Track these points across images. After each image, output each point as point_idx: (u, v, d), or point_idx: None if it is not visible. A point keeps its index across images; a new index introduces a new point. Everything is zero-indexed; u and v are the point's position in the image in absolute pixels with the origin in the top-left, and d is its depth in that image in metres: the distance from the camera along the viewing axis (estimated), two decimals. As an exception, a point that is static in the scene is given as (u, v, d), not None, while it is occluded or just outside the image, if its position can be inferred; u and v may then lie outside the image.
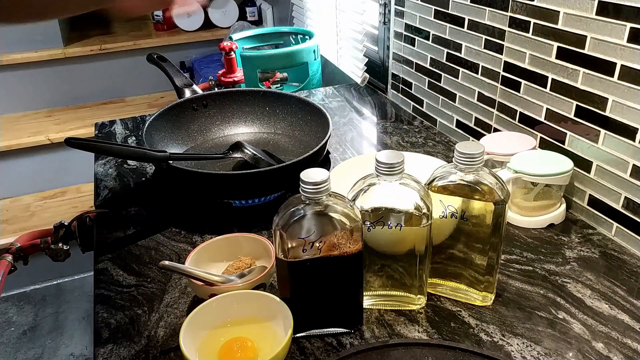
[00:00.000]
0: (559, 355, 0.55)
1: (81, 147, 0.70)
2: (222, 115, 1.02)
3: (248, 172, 0.79)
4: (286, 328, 0.54)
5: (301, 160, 0.80)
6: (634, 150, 0.68)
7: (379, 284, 0.61)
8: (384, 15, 1.24)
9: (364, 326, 0.60)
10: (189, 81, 1.02)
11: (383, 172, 0.54)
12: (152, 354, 0.58)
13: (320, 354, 0.57)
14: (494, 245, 0.58)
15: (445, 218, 0.59)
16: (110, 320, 0.63)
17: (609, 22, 0.67)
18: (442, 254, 0.62)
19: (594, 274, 0.67)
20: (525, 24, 0.81)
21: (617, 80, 0.68)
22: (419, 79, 1.14)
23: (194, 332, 0.54)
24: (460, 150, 0.55)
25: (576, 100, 0.75)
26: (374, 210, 0.56)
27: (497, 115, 0.92)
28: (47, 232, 0.77)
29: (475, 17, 0.92)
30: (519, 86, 0.85)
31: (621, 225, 0.72)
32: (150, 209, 0.85)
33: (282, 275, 0.56)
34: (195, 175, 0.80)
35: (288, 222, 0.52)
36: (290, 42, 1.62)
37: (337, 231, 0.52)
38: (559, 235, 0.75)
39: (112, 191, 0.90)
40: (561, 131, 0.79)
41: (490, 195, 0.56)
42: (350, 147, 1.05)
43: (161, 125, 0.90)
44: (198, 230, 0.79)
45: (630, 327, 0.59)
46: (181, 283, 0.68)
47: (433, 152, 0.99)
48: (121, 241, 0.77)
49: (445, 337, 0.58)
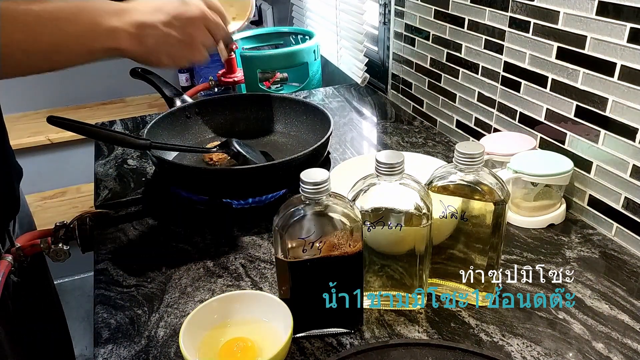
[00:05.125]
0: (559, 356, 0.55)
1: (63, 127, 0.68)
2: (215, 122, 1.03)
3: (246, 168, 0.79)
4: (286, 328, 0.54)
5: (302, 157, 0.80)
6: (634, 151, 0.68)
7: (379, 284, 0.61)
8: (384, 15, 1.24)
9: (364, 326, 0.60)
10: (178, 91, 1.02)
11: (383, 172, 0.54)
12: (152, 354, 0.58)
13: (320, 354, 0.57)
14: (494, 246, 0.58)
15: (445, 218, 0.59)
16: (110, 321, 0.63)
17: (609, 22, 0.67)
18: (442, 254, 0.62)
19: (594, 274, 0.67)
20: (525, 24, 0.81)
21: (617, 80, 0.68)
22: (419, 79, 1.14)
23: (194, 332, 0.54)
24: (460, 151, 0.55)
25: (576, 101, 0.75)
26: (374, 211, 0.56)
27: (497, 115, 0.92)
28: (47, 232, 0.77)
29: (475, 17, 0.92)
30: (519, 86, 0.85)
31: (621, 225, 0.72)
32: (150, 209, 0.85)
33: (282, 276, 0.56)
34: (189, 171, 0.80)
35: (288, 223, 0.52)
36: (290, 42, 1.62)
37: (337, 231, 0.52)
38: (559, 236, 0.75)
39: (112, 191, 0.90)
40: (561, 131, 0.79)
41: (490, 195, 0.56)
42: (350, 147, 1.05)
43: (157, 133, 0.91)
44: (198, 230, 0.79)
45: (630, 327, 0.58)
46: (181, 283, 0.68)
47: (433, 152, 0.99)
48: (121, 241, 0.77)
49: (445, 337, 0.58)
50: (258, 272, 0.69)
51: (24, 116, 2.24)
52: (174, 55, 0.66)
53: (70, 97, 2.31)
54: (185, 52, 0.66)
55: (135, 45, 0.62)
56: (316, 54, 1.46)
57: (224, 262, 0.72)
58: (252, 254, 0.73)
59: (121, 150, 1.05)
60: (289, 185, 0.83)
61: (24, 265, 0.77)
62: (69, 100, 2.31)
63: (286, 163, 0.79)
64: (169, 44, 0.64)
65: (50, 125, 0.69)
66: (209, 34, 0.68)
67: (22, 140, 2.05)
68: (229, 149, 0.83)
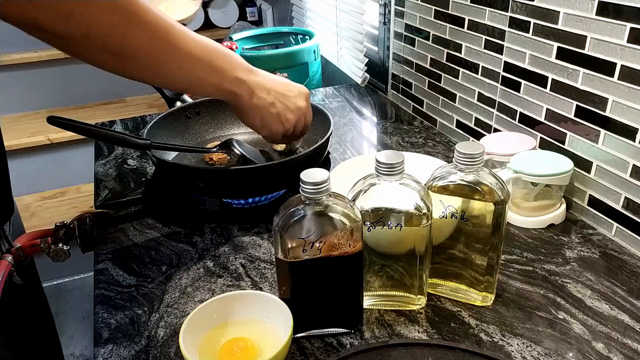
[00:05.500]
0: (559, 356, 0.55)
1: (63, 127, 0.70)
2: (216, 122, 1.03)
3: (246, 168, 0.79)
4: (286, 328, 0.54)
5: (302, 157, 0.80)
6: (634, 151, 0.68)
7: (379, 284, 0.61)
8: (384, 15, 1.24)
9: (364, 326, 0.60)
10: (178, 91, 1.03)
11: (383, 172, 0.54)
12: (152, 354, 0.58)
13: (320, 354, 0.57)
14: (494, 246, 0.58)
15: (445, 218, 0.59)
16: (110, 321, 0.63)
17: (609, 22, 0.67)
18: (442, 254, 0.62)
19: (594, 274, 0.67)
20: (525, 24, 0.81)
21: (617, 80, 0.68)
22: (419, 79, 1.14)
23: (194, 332, 0.54)
24: (460, 151, 0.55)
25: (576, 101, 0.75)
26: (374, 211, 0.56)
27: (497, 116, 0.92)
28: (47, 233, 0.77)
29: (475, 17, 0.92)
30: (519, 86, 0.85)
31: (621, 225, 0.72)
32: (150, 209, 0.85)
33: (282, 276, 0.56)
34: (189, 171, 0.80)
35: (288, 223, 0.52)
36: (290, 42, 1.62)
37: (337, 231, 0.52)
38: (559, 236, 0.75)
39: (112, 191, 0.90)
40: (561, 131, 0.79)
41: (490, 195, 0.56)
42: (350, 147, 1.05)
43: (157, 133, 0.91)
44: (198, 231, 0.79)
45: (630, 327, 0.59)
46: (181, 283, 0.68)
47: (433, 152, 0.99)
48: (121, 241, 0.77)
49: (445, 337, 0.58)
50: (258, 272, 0.69)
51: (24, 116, 2.24)
52: (268, 122, 0.76)
53: (70, 97, 2.31)
54: (275, 124, 0.77)
55: (247, 98, 0.73)
56: (316, 54, 1.46)
57: (224, 262, 0.72)
58: (252, 254, 0.73)
59: (121, 150, 1.05)
60: (289, 185, 0.83)
61: (24, 266, 0.77)
62: (69, 100, 2.31)
63: (286, 163, 0.79)
64: (268, 111, 0.75)
65: (50, 125, 0.70)
66: (294, 125, 0.80)
67: (22, 140, 2.04)
68: (229, 149, 0.83)
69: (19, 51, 2.10)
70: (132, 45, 0.60)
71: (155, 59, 0.63)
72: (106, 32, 0.57)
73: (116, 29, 0.58)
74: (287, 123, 0.78)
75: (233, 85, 0.71)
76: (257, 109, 0.74)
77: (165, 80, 0.69)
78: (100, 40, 0.58)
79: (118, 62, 0.61)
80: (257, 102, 0.74)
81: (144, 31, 0.60)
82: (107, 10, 0.56)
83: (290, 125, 0.79)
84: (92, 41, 0.57)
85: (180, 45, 0.64)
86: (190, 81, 0.68)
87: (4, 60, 2.08)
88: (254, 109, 0.74)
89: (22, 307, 0.85)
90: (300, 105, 0.79)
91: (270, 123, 0.76)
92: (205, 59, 0.67)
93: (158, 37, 0.62)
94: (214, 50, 0.69)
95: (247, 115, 0.76)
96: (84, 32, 0.56)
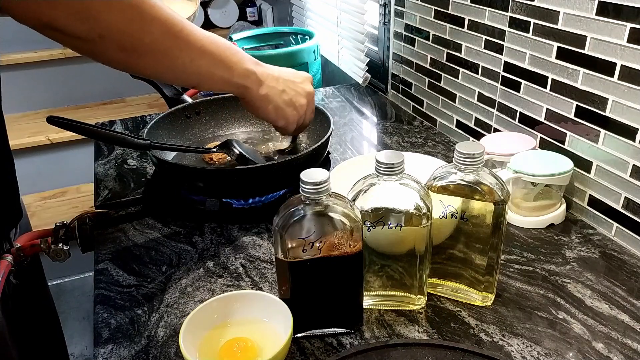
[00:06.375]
0: (559, 356, 0.55)
1: (63, 127, 0.71)
2: (216, 122, 1.03)
3: (246, 168, 0.79)
4: (286, 328, 0.54)
5: (302, 157, 0.80)
6: (634, 150, 0.68)
7: (379, 284, 0.61)
8: (384, 15, 1.24)
9: (364, 326, 0.60)
10: (178, 91, 1.02)
11: (383, 172, 0.54)
12: (152, 354, 0.58)
13: (320, 354, 0.57)
14: (494, 246, 0.58)
15: (445, 218, 0.59)
16: (110, 320, 0.63)
17: (609, 22, 0.67)
18: (442, 254, 0.62)
19: (594, 274, 0.67)
20: (525, 24, 0.81)
21: (617, 80, 0.68)
22: (419, 79, 1.14)
23: (194, 332, 0.54)
24: (460, 151, 0.55)
25: (576, 101, 0.75)
26: (374, 211, 0.56)
27: (497, 116, 0.92)
28: (47, 233, 0.77)
29: (475, 17, 0.92)
30: (519, 86, 0.85)
31: (621, 225, 0.72)
32: (150, 209, 0.85)
33: (282, 276, 0.56)
34: (188, 171, 0.80)
35: (288, 223, 0.52)
36: (290, 42, 1.62)
37: (337, 231, 0.52)
38: (559, 236, 0.75)
39: (112, 191, 0.90)
40: (561, 131, 0.79)
41: (490, 195, 0.56)
42: (350, 147, 1.05)
43: (157, 133, 0.91)
44: (198, 230, 0.79)
45: (630, 327, 0.59)
46: (181, 283, 0.68)
47: (433, 152, 0.99)
48: (121, 241, 0.77)
49: (445, 337, 0.58)
50: (258, 272, 0.69)
51: (24, 116, 2.24)
52: (282, 110, 0.78)
53: (70, 97, 2.31)
54: (290, 110, 0.78)
55: (257, 90, 0.74)
56: (316, 54, 1.46)
57: (224, 262, 0.72)
58: (252, 254, 0.73)
59: (121, 150, 1.05)
60: (289, 185, 0.83)
61: (24, 266, 0.77)
62: (69, 100, 2.31)
63: (286, 163, 0.79)
64: (281, 99, 0.77)
65: (50, 125, 0.70)
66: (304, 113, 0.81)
67: (22, 140, 2.04)
68: (229, 149, 0.83)
69: (19, 51, 2.10)
70: (146, 41, 0.61)
71: (168, 53, 0.64)
72: (122, 29, 0.58)
73: (131, 26, 0.59)
74: (301, 108, 0.79)
75: (243, 78, 0.72)
76: (268, 99, 0.75)
77: (176, 75, 0.69)
78: (115, 38, 0.58)
79: (133, 58, 0.62)
80: (268, 91, 0.75)
81: (158, 27, 0.61)
82: (121, 7, 0.57)
83: (304, 111, 0.80)
84: (107, 39, 0.58)
85: (192, 39, 0.65)
86: (201, 75, 0.69)
87: (4, 60, 2.08)
88: (265, 99, 0.75)
89: (28, 306, 0.85)
90: (309, 90, 0.81)
91: (285, 110, 0.77)
92: (215, 53, 0.68)
93: (171, 31, 0.63)
94: (223, 44, 0.70)
95: (259, 108, 0.76)
96: (99, 32, 0.57)
